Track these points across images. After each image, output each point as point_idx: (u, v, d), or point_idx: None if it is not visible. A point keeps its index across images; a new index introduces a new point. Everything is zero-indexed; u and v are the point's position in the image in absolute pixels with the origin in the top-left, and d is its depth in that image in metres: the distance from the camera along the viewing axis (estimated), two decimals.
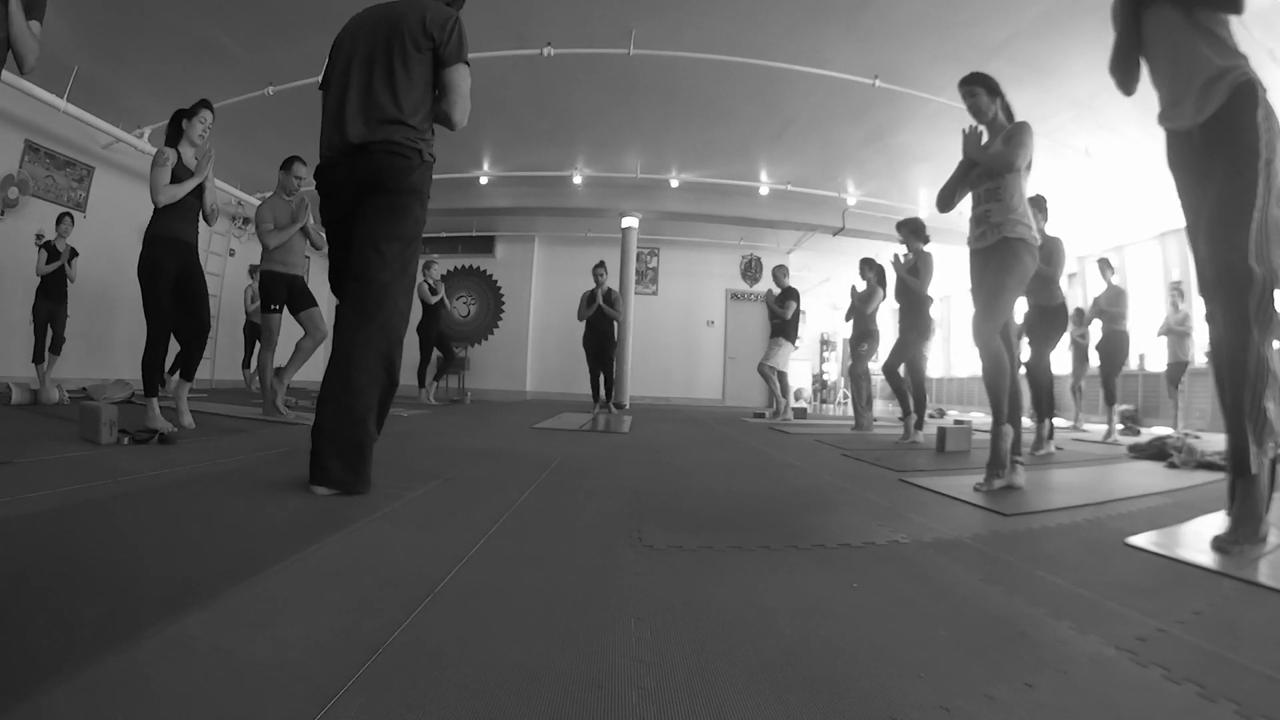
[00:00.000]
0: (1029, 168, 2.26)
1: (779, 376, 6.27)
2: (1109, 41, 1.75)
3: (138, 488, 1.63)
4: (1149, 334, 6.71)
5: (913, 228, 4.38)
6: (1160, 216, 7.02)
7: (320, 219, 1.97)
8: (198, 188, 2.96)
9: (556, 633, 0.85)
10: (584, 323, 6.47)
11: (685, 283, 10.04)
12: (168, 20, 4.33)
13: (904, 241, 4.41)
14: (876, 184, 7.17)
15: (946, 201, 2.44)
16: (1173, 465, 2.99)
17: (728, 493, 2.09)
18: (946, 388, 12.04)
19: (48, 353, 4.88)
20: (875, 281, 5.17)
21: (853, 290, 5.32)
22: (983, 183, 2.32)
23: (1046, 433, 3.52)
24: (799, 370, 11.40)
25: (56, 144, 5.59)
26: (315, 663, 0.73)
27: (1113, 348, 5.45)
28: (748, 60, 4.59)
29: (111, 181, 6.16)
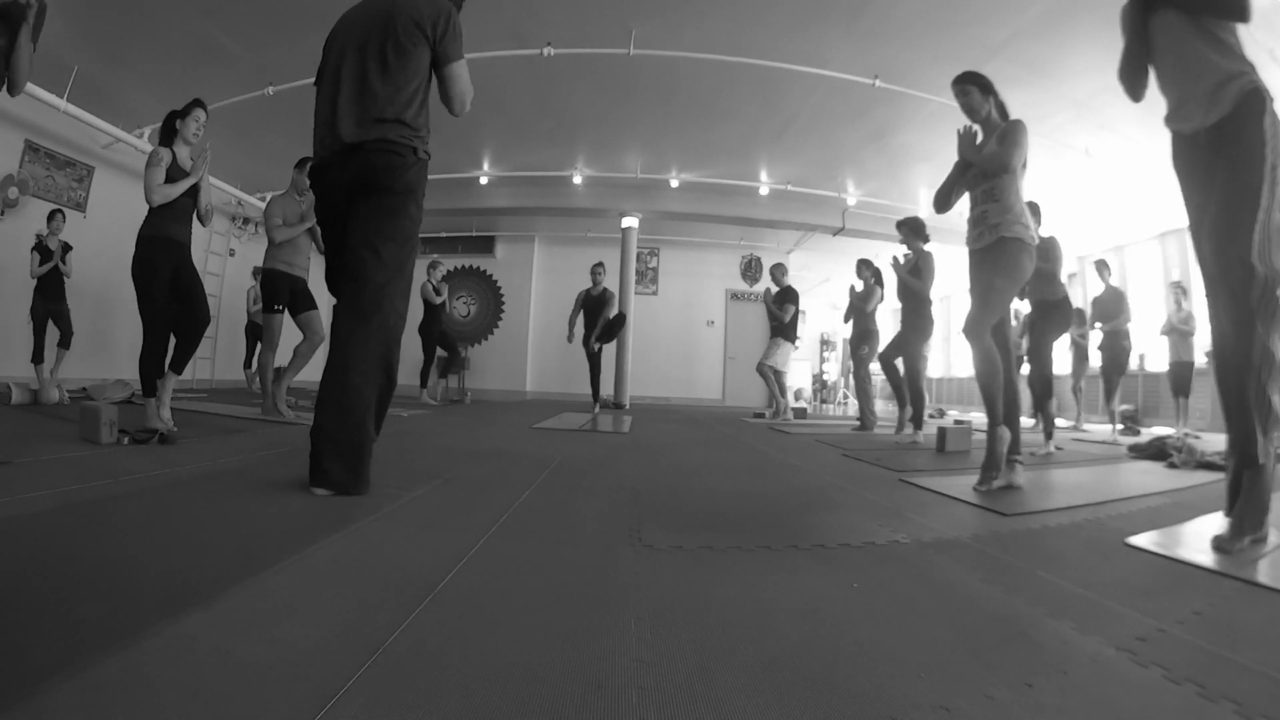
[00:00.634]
0: (1025, 166, 2.26)
1: (777, 376, 6.27)
2: (1109, 41, 1.75)
3: (138, 488, 1.63)
4: (1150, 334, 6.70)
5: (913, 227, 4.38)
6: (1160, 216, 7.01)
7: (316, 218, 1.96)
8: (192, 188, 2.95)
9: (556, 633, 0.85)
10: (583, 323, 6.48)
11: (685, 283, 10.04)
12: (168, 20, 4.32)
13: (904, 241, 4.41)
14: (876, 184, 7.17)
15: (943, 202, 2.44)
16: (1173, 465, 2.99)
17: (728, 493, 2.09)
18: (946, 388, 12.04)
19: (58, 348, 4.89)
20: (873, 281, 5.18)
21: (851, 290, 5.33)
22: (979, 183, 2.31)
23: (1046, 431, 3.52)
24: (799, 370, 11.41)
25: (56, 144, 5.59)
26: (315, 663, 0.73)
27: (1114, 349, 5.57)
28: (748, 60, 4.59)
29: (111, 181, 6.16)
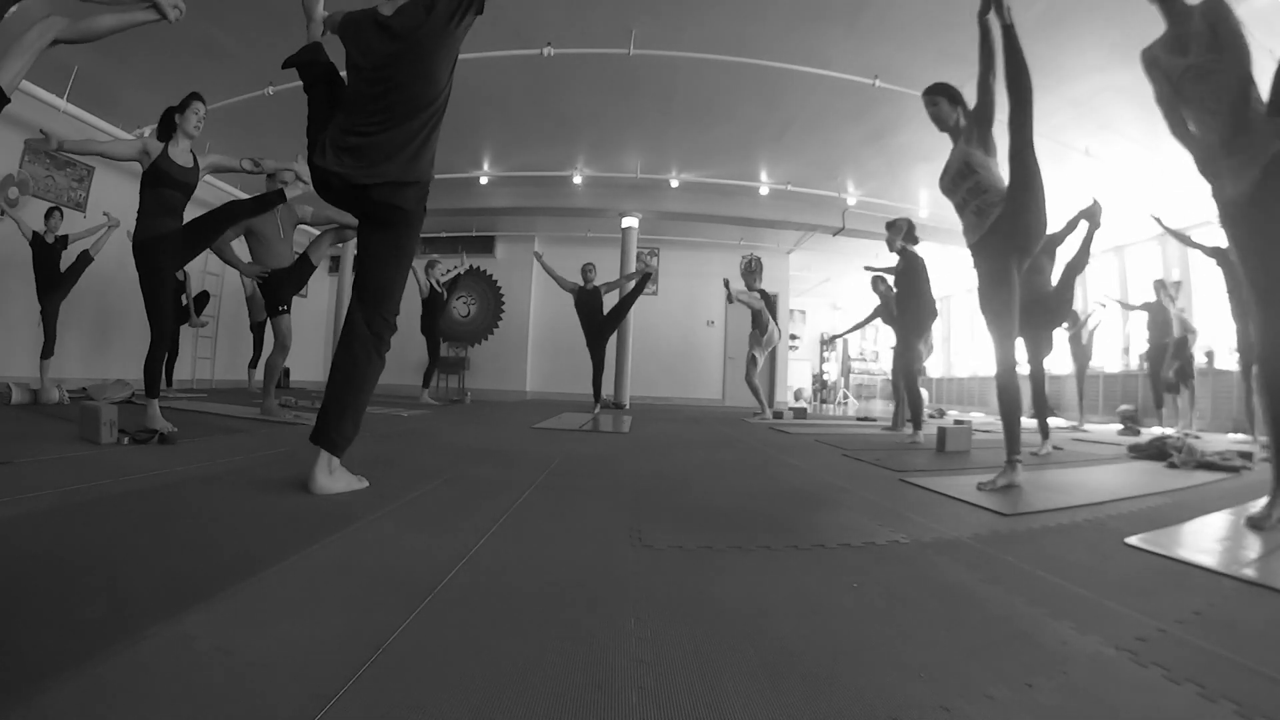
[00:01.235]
0: (995, 151, 2.33)
1: (752, 359, 6.25)
2: (1109, 41, 1.78)
3: (138, 488, 1.63)
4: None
5: (901, 229, 4.34)
6: (1160, 216, 7.01)
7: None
8: (185, 185, 2.95)
9: (556, 632, 0.85)
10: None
11: (685, 283, 10.04)
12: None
13: (889, 242, 4.33)
14: (876, 184, 7.17)
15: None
16: (1173, 465, 2.99)
17: (728, 492, 2.09)
18: (946, 388, 12.04)
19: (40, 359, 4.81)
20: (893, 283, 5.09)
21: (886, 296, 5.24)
22: (959, 187, 2.38)
23: (1042, 431, 3.53)
24: (799, 370, 11.40)
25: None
26: (315, 663, 0.73)
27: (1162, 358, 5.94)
28: (748, 60, 4.59)
29: (111, 181, 6.16)
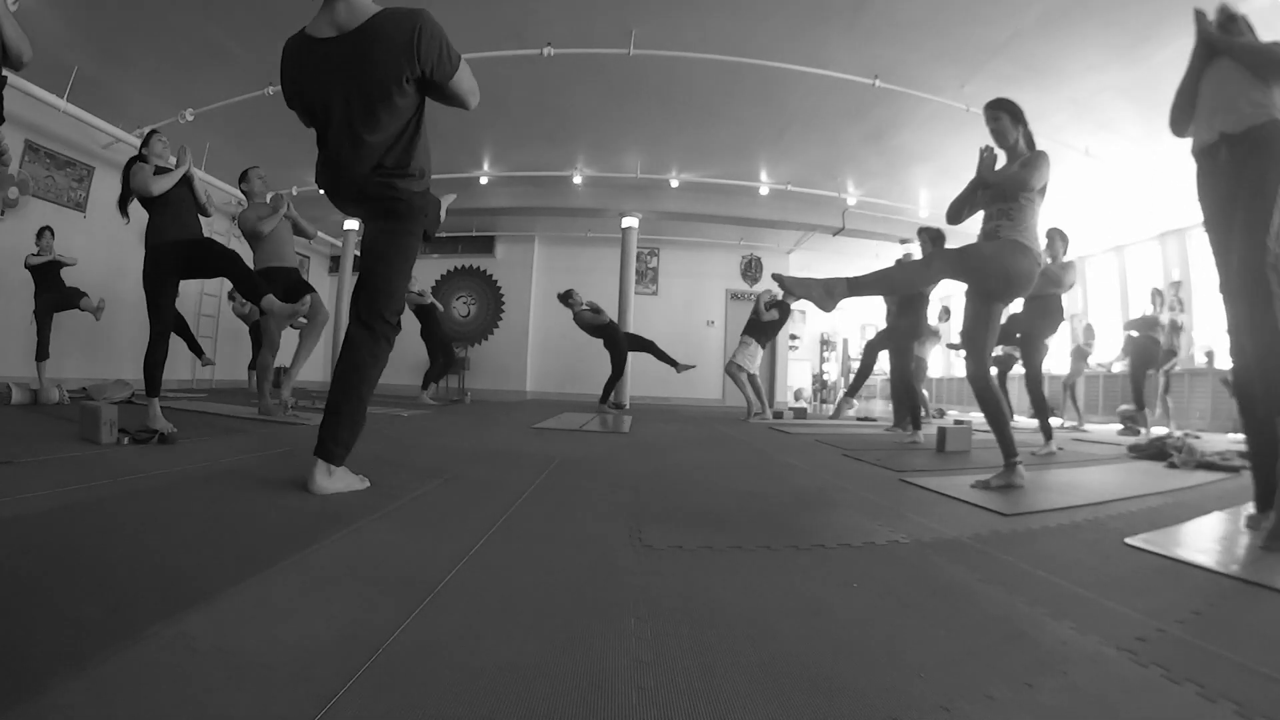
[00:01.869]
0: (1043, 192, 2.27)
1: (751, 379, 6.20)
2: (1109, 41, 1.79)
3: (138, 487, 1.63)
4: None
5: (933, 236, 4.38)
6: (1160, 216, 7.02)
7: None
8: (186, 181, 3.02)
9: (556, 633, 0.85)
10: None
11: (685, 283, 10.04)
12: (168, 20, 4.32)
13: (923, 247, 4.37)
14: (876, 184, 7.17)
15: (955, 215, 2.47)
16: (1173, 465, 2.99)
17: (728, 492, 2.09)
18: (946, 387, 12.04)
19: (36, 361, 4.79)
20: (930, 248, 4.92)
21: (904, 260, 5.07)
22: (994, 203, 2.33)
23: (1045, 432, 3.53)
24: (799, 370, 11.41)
25: (56, 144, 5.58)
26: (315, 663, 0.73)
27: (1148, 353, 5.77)
28: (748, 60, 4.59)
29: (112, 181, 6.11)
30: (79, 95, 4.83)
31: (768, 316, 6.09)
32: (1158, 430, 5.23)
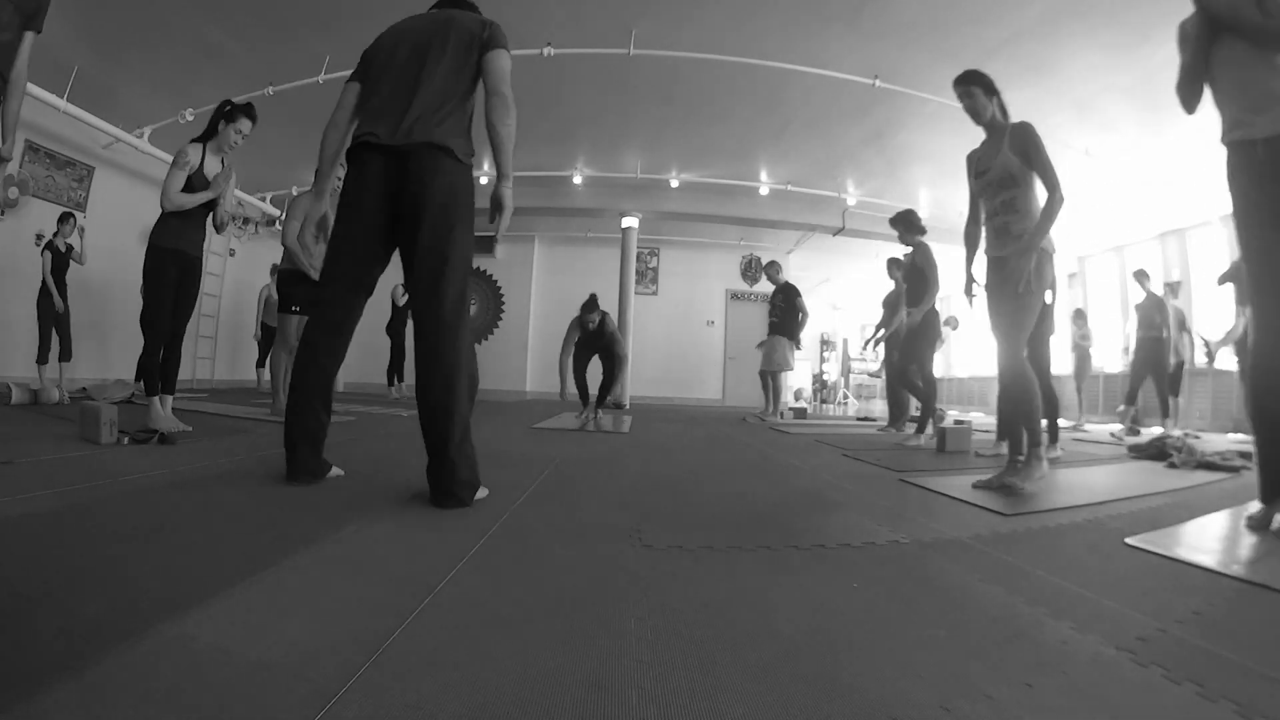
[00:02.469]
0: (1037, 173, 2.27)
1: (774, 378, 6.16)
2: (1109, 41, 1.78)
3: (138, 488, 1.63)
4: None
5: (907, 221, 4.29)
6: (1160, 216, 7.01)
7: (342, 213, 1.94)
8: (210, 200, 2.95)
9: (556, 633, 0.85)
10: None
11: (685, 283, 10.04)
12: (168, 20, 4.32)
13: (900, 237, 4.33)
14: (876, 184, 7.17)
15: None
16: (1173, 465, 2.99)
17: (728, 492, 2.09)
18: (946, 388, 12.03)
19: (58, 362, 4.78)
20: (900, 278, 4.80)
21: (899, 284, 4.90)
22: (996, 194, 2.30)
23: (1051, 434, 3.52)
24: (799, 370, 11.40)
25: (56, 144, 5.59)
26: (315, 663, 0.73)
27: (1152, 355, 5.62)
28: (748, 60, 4.59)
29: (111, 181, 6.16)
30: (79, 95, 4.83)
31: (802, 307, 5.93)
32: (1158, 430, 5.23)
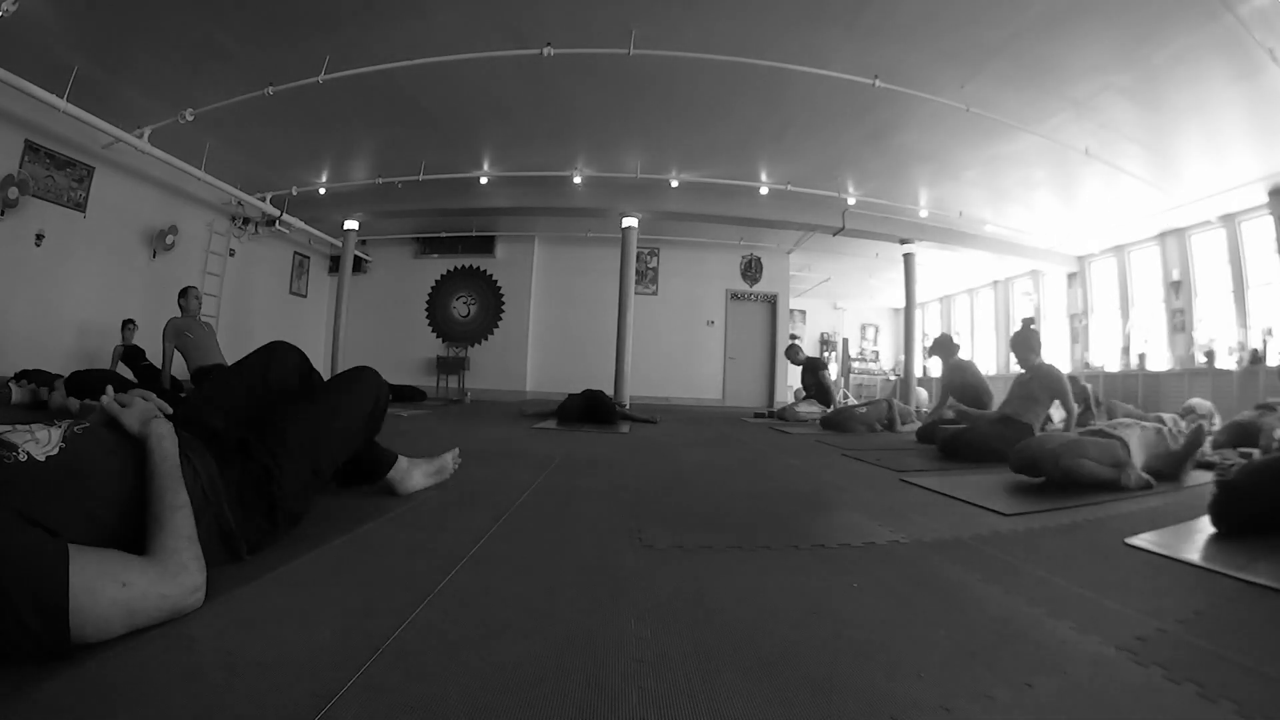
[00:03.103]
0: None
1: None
2: (1109, 41, 1.76)
3: None
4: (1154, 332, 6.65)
5: (943, 346, 4.40)
6: (1160, 216, 7.01)
7: None
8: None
9: (556, 632, 0.85)
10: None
11: (685, 283, 10.03)
12: (167, 20, 4.32)
13: (942, 362, 4.40)
14: (876, 184, 7.16)
15: None
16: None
17: (728, 492, 2.09)
18: None
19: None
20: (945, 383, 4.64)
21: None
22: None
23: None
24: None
25: (56, 144, 5.58)
26: (315, 663, 0.73)
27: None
28: (748, 60, 4.58)
29: (111, 181, 6.16)
30: (79, 95, 4.83)
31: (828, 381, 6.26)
32: None
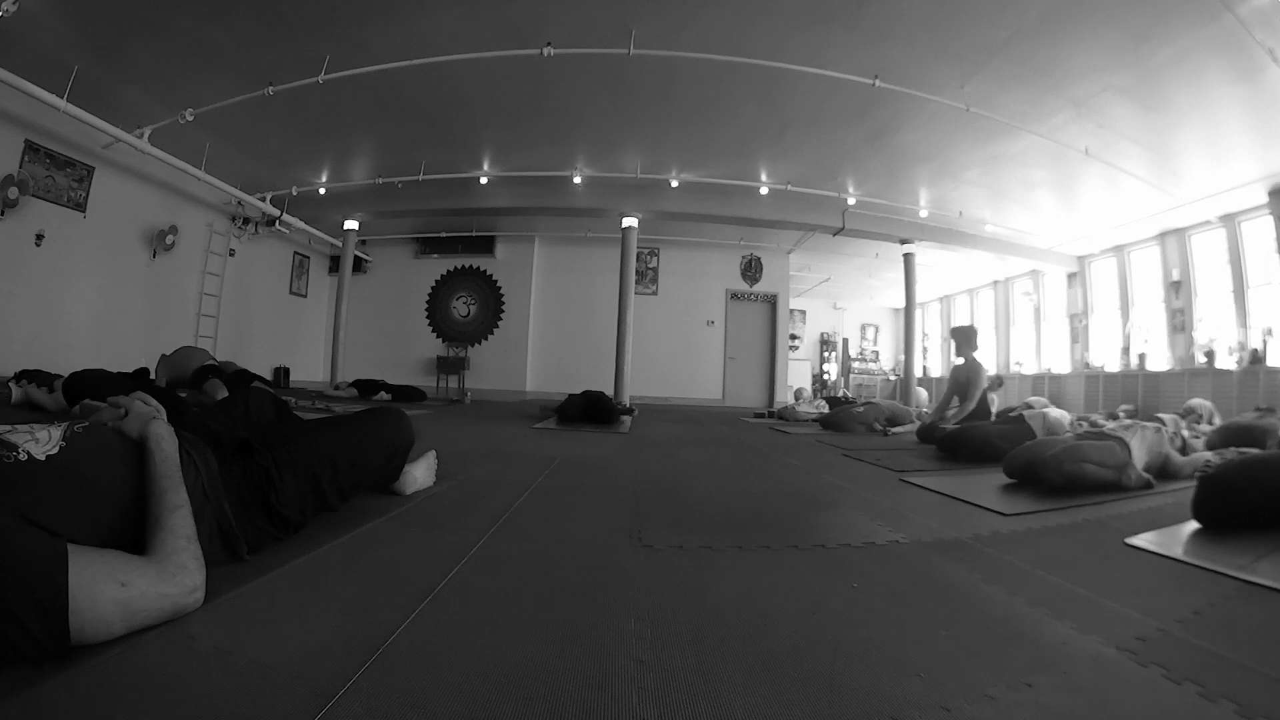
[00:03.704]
0: None
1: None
2: (1109, 41, 1.76)
3: None
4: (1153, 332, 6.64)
5: (965, 336, 4.41)
6: (1160, 216, 7.01)
7: None
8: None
9: (556, 632, 0.85)
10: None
11: (685, 283, 10.03)
12: (168, 20, 4.32)
13: (957, 349, 4.42)
14: (876, 184, 7.16)
15: None
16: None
17: (728, 492, 2.09)
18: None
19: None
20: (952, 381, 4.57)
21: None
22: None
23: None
24: (799, 370, 11.42)
25: (56, 144, 5.58)
26: (315, 663, 0.73)
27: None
28: (748, 60, 4.58)
29: (111, 181, 6.16)
30: (79, 95, 4.83)
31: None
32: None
